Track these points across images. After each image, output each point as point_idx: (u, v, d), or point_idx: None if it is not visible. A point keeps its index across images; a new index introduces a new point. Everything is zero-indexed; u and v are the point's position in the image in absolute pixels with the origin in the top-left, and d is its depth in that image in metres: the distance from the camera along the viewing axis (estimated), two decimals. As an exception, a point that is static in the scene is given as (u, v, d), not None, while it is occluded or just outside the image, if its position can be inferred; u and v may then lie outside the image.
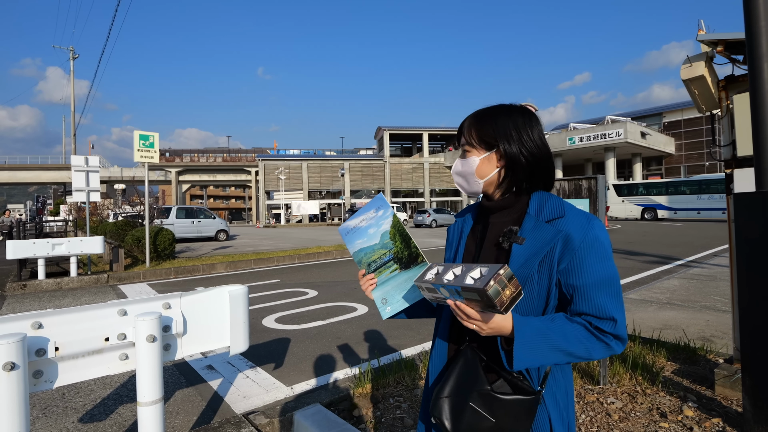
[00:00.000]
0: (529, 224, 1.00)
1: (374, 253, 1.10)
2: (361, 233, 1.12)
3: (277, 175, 46.50)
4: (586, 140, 36.42)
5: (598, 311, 0.91)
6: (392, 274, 1.10)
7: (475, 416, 0.94)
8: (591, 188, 2.88)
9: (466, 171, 1.09)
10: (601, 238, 0.95)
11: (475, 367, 0.98)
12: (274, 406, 2.88)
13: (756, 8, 2.09)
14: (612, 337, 0.91)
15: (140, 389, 1.87)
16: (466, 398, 0.95)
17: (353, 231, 1.13)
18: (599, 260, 0.94)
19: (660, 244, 13.06)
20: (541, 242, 0.97)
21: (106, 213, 21.07)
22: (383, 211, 1.10)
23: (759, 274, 2.09)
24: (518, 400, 0.94)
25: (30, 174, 53.99)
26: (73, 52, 26.48)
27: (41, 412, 3.03)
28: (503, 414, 0.93)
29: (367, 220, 1.12)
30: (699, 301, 5.63)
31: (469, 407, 0.94)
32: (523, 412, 0.94)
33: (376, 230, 1.10)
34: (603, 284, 0.93)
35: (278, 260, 11.34)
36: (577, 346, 0.90)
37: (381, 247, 1.10)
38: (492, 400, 0.94)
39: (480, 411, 0.94)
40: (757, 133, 2.12)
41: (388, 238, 1.09)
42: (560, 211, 0.99)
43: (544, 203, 1.02)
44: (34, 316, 1.69)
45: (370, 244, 1.11)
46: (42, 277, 8.23)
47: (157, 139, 9.72)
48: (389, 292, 1.10)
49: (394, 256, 1.09)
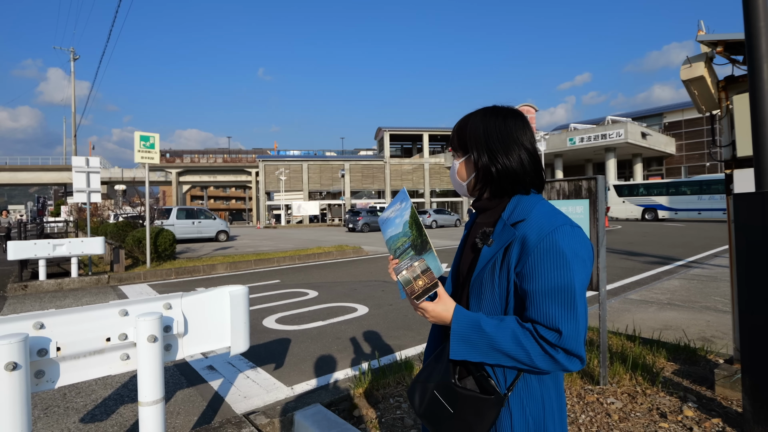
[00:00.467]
0: (499, 227, 1.02)
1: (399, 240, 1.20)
2: (391, 223, 1.22)
3: (277, 175, 46.52)
4: (586, 141, 36.40)
5: (545, 320, 0.89)
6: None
7: (436, 404, 1.02)
8: (591, 189, 2.88)
9: (452, 173, 1.17)
10: (560, 245, 0.90)
11: (447, 361, 1.03)
12: (274, 406, 2.88)
13: (755, 9, 2.10)
14: (561, 350, 0.87)
15: (141, 389, 1.87)
16: (432, 386, 1.04)
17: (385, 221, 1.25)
18: (555, 267, 0.89)
19: (660, 245, 13.05)
20: (503, 243, 0.97)
21: (107, 214, 21.09)
22: (405, 203, 1.19)
23: (758, 275, 2.10)
24: (477, 397, 0.96)
25: (31, 175, 54.03)
26: (74, 53, 26.51)
27: (42, 412, 3.04)
28: (462, 407, 0.97)
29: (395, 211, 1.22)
30: (699, 301, 5.63)
31: (432, 394, 1.03)
32: (483, 410, 0.95)
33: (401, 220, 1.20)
34: (554, 293, 0.89)
35: (279, 261, 11.35)
36: (518, 351, 0.89)
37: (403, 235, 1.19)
38: (452, 393, 0.99)
39: (440, 400, 1.01)
40: (757, 134, 2.13)
41: (408, 227, 1.17)
42: (525, 214, 0.98)
43: (516, 207, 1.02)
44: (35, 317, 1.70)
45: (396, 232, 1.21)
46: (43, 278, 8.24)
47: (157, 140, 9.73)
48: None
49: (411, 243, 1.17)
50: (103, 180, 48.07)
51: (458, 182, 1.14)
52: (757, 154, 2.15)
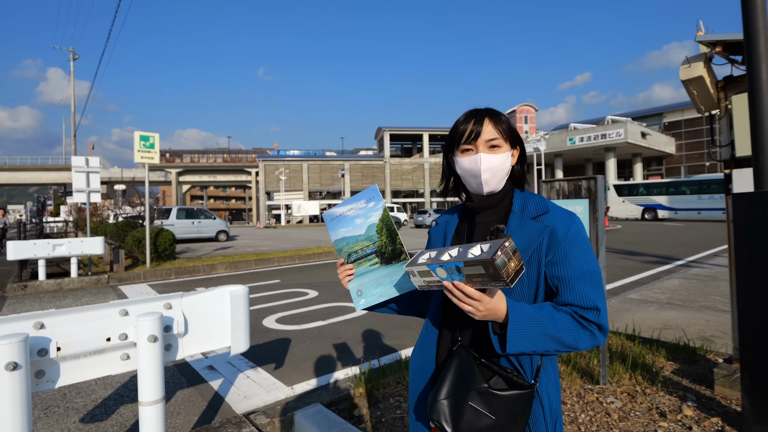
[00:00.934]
0: (515, 221, 1.03)
1: (357, 243, 1.09)
2: (347, 222, 1.10)
3: (277, 175, 46.52)
4: (586, 140, 36.43)
5: (584, 301, 0.95)
6: (372, 267, 1.09)
7: (476, 415, 0.94)
8: (590, 188, 2.88)
9: (500, 166, 1.05)
10: (582, 233, 1.01)
11: (470, 365, 0.99)
12: (274, 406, 2.89)
13: (754, 9, 2.10)
14: (596, 326, 0.94)
15: (141, 389, 1.87)
16: (465, 398, 0.95)
17: (339, 218, 1.11)
18: (582, 253, 0.99)
19: (660, 244, 13.06)
20: (528, 237, 1.00)
21: (107, 214, 21.08)
22: (375, 203, 1.08)
23: (757, 274, 2.10)
24: (516, 395, 0.95)
25: (30, 175, 54.02)
26: (74, 53, 26.49)
27: (42, 412, 3.04)
28: (502, 410, 0.94)
29: (355, 210, 1.10)
30: (699, 301, 5.63)
31: (468, 407, 0.94)
32: (519, 407, 0.95)
33: (364, 221, 1.09)
34: (586, 275, 0.97)
35: (279, 261, 11.35)
36: (566, 334, 0.92)
37: (365, 239, 1.08)
38: (491, 398, 0.95)
39: (480, 410, 0.94)
40: (756, 134, 2.13)
41: (375, 231, 1.08)
42: (544, 207, 1.04)
43: (527, 201, 1.07)
44: (36, 317, 1.70)
45: (355, 234, 1.09)
46: (42, 278, 8.24)
47: (157, 140, 9.73)
48: (366, 284, 1.10)
49: (377, 250, 1.08)
50: (103, 180, 48.04)
51: (502, 176, 1.06)
52: (756, 154, 2.16)
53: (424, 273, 0.92)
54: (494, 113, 1.07)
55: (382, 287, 1.08)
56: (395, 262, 1.06)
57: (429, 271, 0.90)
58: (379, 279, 1.08)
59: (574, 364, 3.25)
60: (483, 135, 1.04)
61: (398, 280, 1.07)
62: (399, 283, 1.07)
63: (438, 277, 0.89)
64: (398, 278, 1.07)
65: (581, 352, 3.45)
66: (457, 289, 0.86)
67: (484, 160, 1.04)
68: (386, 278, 1.08)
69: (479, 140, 1.04)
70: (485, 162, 1.03)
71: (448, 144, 1.12)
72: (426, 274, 0.91)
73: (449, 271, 0.87)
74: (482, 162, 1.04)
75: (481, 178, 1.04)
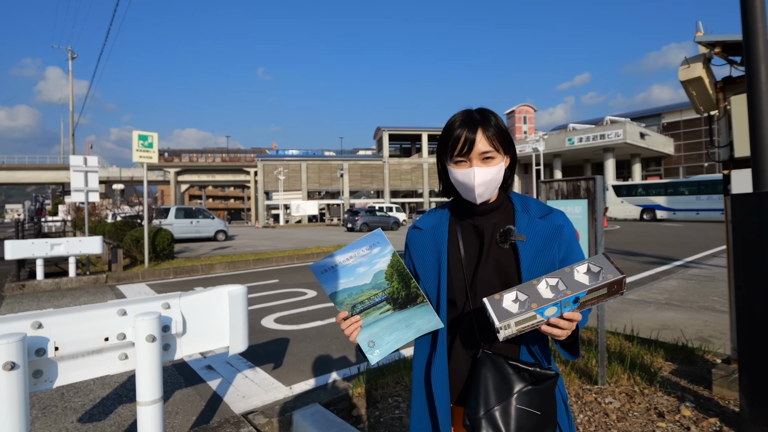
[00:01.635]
0: (523, 221, 1.05)
1: (362, 294, 1.00)
2: (347, 272, 1.00)
3: (276, 175, 46.48)
4: (585, 141, 36.48)
5: None
6: (383, 315, 1.01)
7: (525, 416, 0.94)
8: (589, 189, 2.89)
9: (494, 179, 1.04)
10: (574, 230, 1.11)
11: (503, 369, 0.97)
12: (273, 406, 2.88)
13: (753, 10, 2.11)
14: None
15: (140, 389, 1.87)
16: (511, 402, 0.95)
17: (334, 270, 1.00)
18: (578, 249, 1.09)
19: (659, 245, 13.08)
20: (543, 236, 1.04)
21: (105, 213, 21.04)
22: (380, 248, 1.00)
23: (755, 275, 2.11)
24: (550, 385, 0.98)
25: (28, 174, 53.88)
26: (72, 52, 26.42)
27: (40, 411, 3.03)
28: (541, 403, 0.97)
29: (356, 258, 1.01)
30: (697, 301, 5.65)
31: (517, 410, 0.94)
32: (551, 395, 0.99)
33: (368, 269, 1.00)
34: None
35: (277, 260, 11.34)
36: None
37: (372, 288, 1.00)
38: (532, 395, 0.96)
39: (528, 409, 0.95)
40: (754, 135, 2.13)
41: (383, 278, 1.00)
42: (547, 208, 1.09)
43: (526, 202, 1.11)
44: (34, 316, 1.70)
45: (359, 284, 1.00)
46: (40, 278, 8.22)
47: (156, 140, 9.71)
48: (377, 333, 1.02)
49: (387, 297, 1.01)
50: (101, 179, 47.93)
51: (495, 187, 1.06)
52: (755, 155, 2.16)
53: (524, 320, 0.85)
54: (486, 120, 1.03)
55: (397, 333, 1.02)
56: (411, 306, 1.01)
57: (534, 315, 0.85)
58: (393, 326, 1.02)
59: (573, 364, 3.25)
60: (476, 147, 1.01)
61: (416, 323, 1.01)
62: (417, 326, 1.01)
63: (544, 317, 0.85)
64: (416, 321, 1.01)
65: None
66: (564, 320, 0.87)
67: (478, 175, 1.01)
68: (401, 323, 1.01)
69: (473, 153, 1.02)
70: (479, 177, 1.01)
71: (441, 149, 1.08)
72: (527, 320, 0.86)
73: (563, 306, 0.84)
74: (476, 177, 1.01)
75: (475, 193, 1.03)
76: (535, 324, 0.86)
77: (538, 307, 0.84)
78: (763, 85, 2.10)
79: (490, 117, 1.04)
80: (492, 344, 1.03)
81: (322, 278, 1.00)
